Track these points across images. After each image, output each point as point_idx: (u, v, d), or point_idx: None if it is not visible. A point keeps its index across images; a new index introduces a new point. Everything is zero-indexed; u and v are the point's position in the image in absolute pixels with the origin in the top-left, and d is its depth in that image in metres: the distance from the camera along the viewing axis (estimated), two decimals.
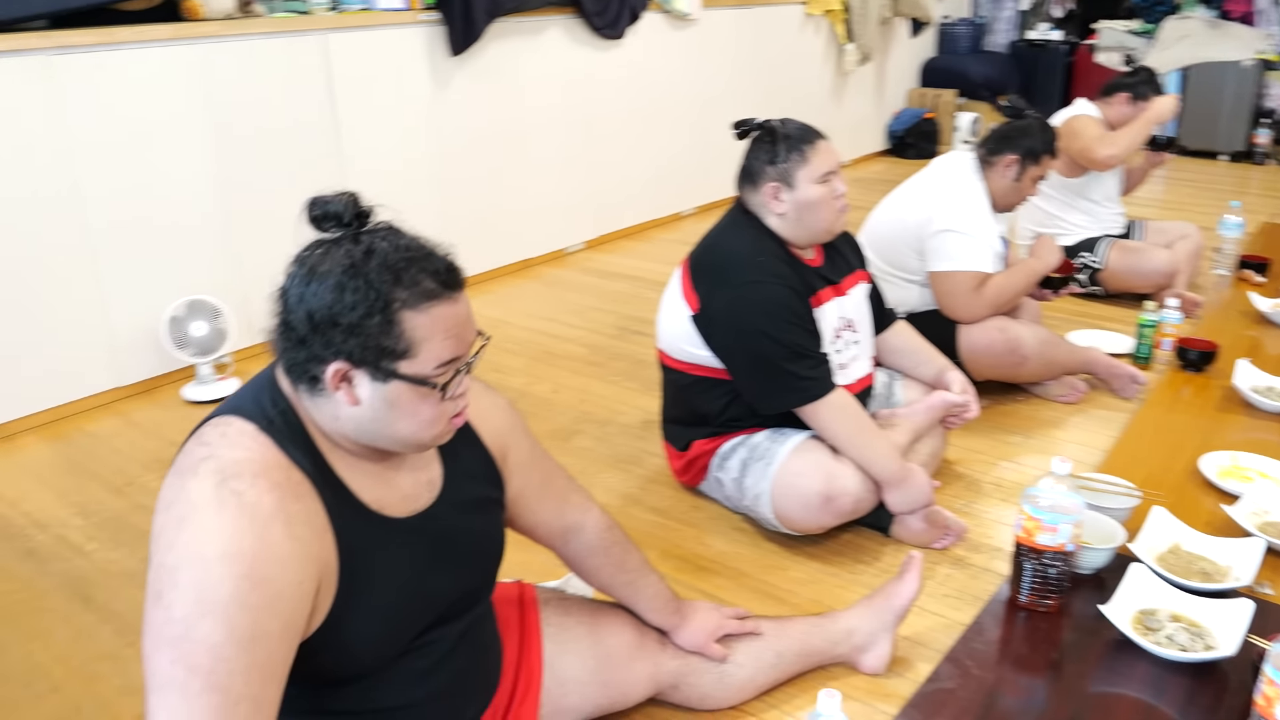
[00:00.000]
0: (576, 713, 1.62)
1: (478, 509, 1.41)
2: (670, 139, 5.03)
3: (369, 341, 1.14)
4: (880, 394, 2.52)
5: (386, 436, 1.21)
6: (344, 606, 1.21)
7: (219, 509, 1.10)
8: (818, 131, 2.20)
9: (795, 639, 1.78)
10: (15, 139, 2.83)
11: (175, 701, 1.05)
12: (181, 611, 1.06)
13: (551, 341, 3.58)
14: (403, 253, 1.17)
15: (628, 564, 1.66)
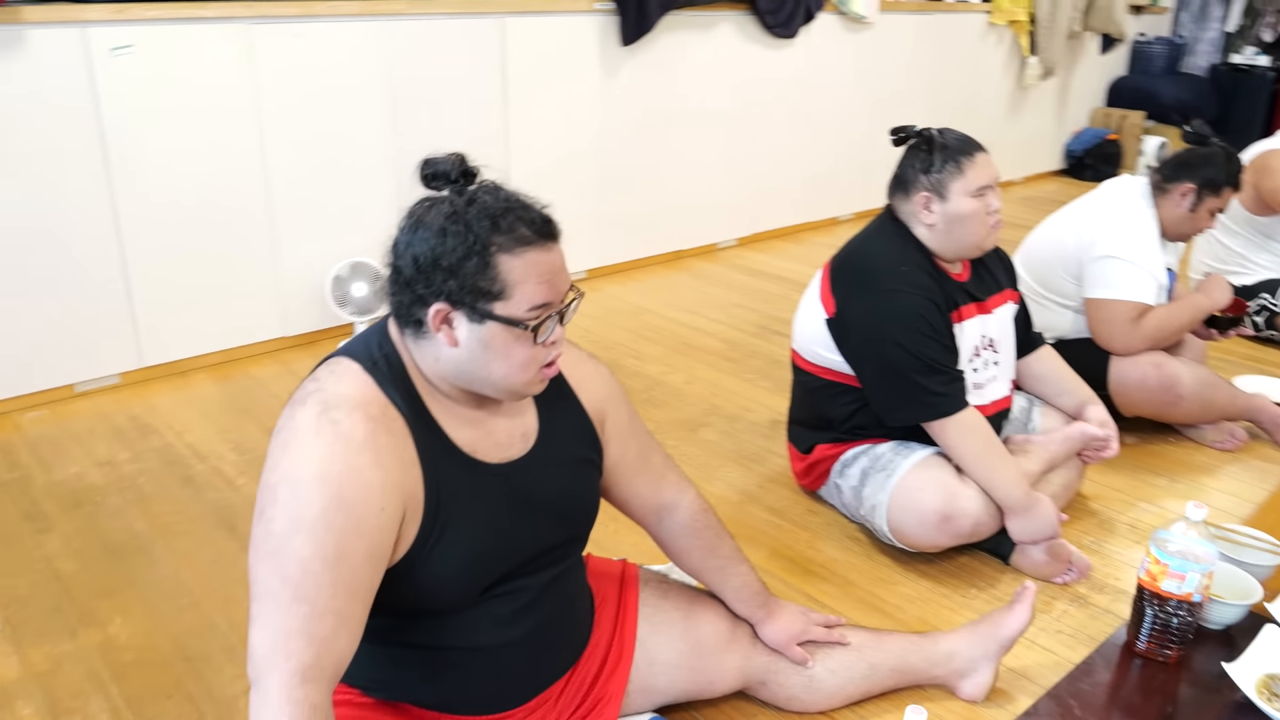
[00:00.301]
0: (663, 694, 1.65)
1: (571, 466, 1.47)
2: (834, 142, 4.98)
3: (466, 282, 1.23)
4: (1018, 419, 2.44)
5: (482, 379, 1.29)
6: (427, 539, 1.29)
7: (317, 435, 1.20)
8: (977, 144, 2.14)
9: (892, 654, 1.76)
10: (212, 100, 3.06)
11: (271, 609, 1.16)
12: (279, 527, 1.17)
13: (691, 334, 3.61)
14: (502, 203, 1.26)
15: (719, 549, 1.68)
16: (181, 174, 3.05)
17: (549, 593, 1.45)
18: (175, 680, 1.86)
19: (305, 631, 1.15)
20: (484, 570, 1.35)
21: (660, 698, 1.66)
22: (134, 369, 3.13)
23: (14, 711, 1.78)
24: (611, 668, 1.60)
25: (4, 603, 2.08)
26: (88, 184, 2.90)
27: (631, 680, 1.62)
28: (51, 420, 2.88)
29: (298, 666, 1.14)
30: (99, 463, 2.65)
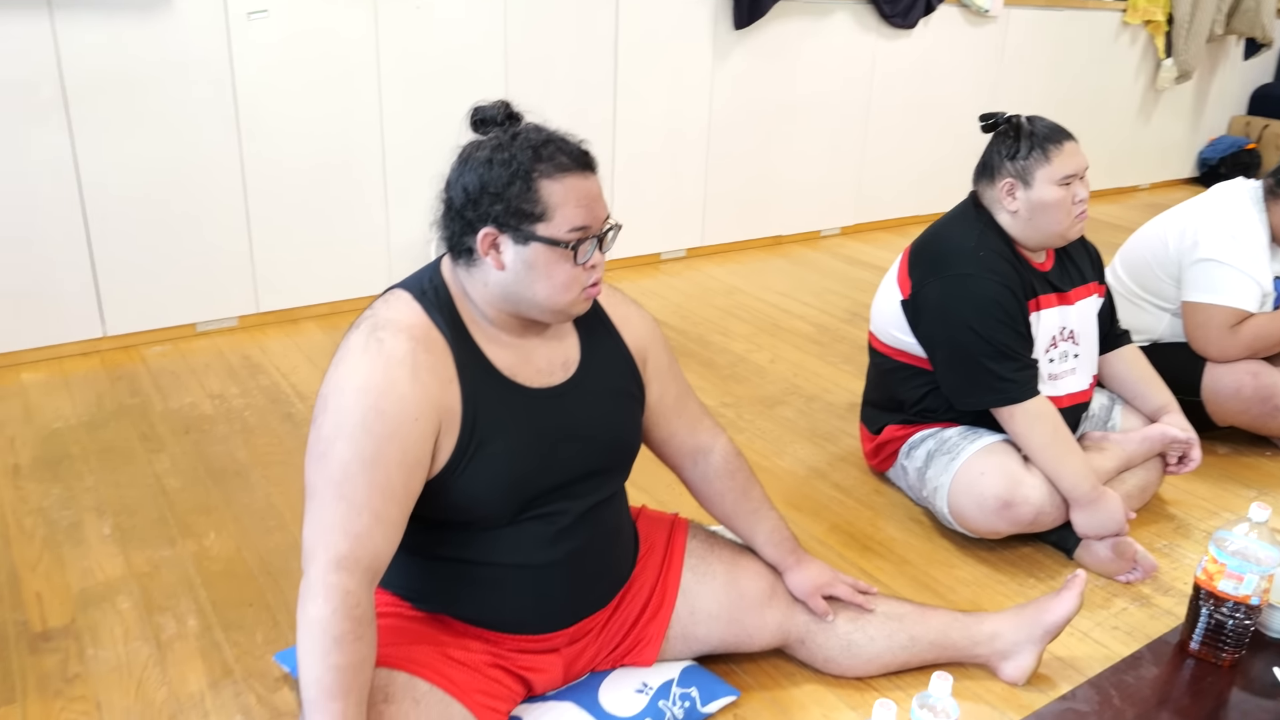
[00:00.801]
0: (702, 642, 1.71)
1: (612, 396, 1.55)
2: (947, 136, 4.91)
3: (511, 205, 1.34)
4: (1098, 415, 2.40)
5: (528, 300, 1.39)
6: (464, 453, 1.39)
7: (363, 352, 1.34)
8: (1066, 132, 2.12)
9: (933, 628, 1.77)
10: (337, 65, 3.23)
11: (316, 506, 1.31)
12: (325, 432, 1.32)
13: (781, 315, 3.64)
14: (544, 135, 1.38)
15: (751, 493, 1.74)
16: (304, 133, 3.24)
17: (588, 521, 1.52)
18: (257, 591, 2.01)
19: (342, 526, 1.28)
20: (519, 487, 1.44)
21: (699, 646, 1.72)
22: (250, 313, 3.34)
23: (115, 604, 1.96)
24: (654, 611, 1.67)
25: (116, 510, 2.27)
26: (220, 140, 3.11)
27: (672, 626, 1.68)
28: (173, 355, 3.11)
29: (334, 556, 1.28)
30: (210, 395, 2.85)
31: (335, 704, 1.25)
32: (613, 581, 1.62)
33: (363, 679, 1.29)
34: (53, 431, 2.61)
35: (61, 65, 2.82)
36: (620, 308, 1.63)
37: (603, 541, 1.58)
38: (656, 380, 1.64)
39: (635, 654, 1.67)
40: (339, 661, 1.26)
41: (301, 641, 1.27)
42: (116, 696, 1.73)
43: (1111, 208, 5.54)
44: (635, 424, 1.61)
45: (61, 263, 2.98)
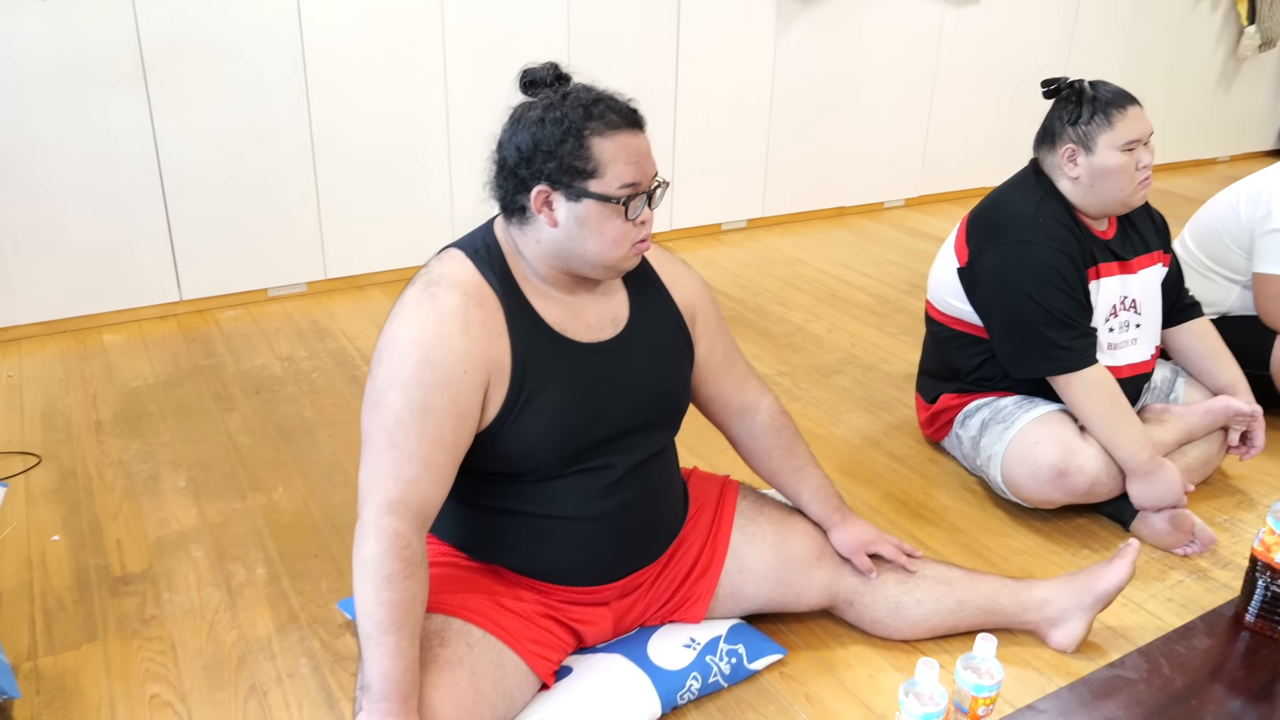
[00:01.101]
0: (751, 600, 1.74)
1: (661, 352, 1.58)
2: (1015, 106, 4.81)
3: (564, 163, 1.37)
4: (1160, 388, 2.37)
5: (579, 257, 1.43)
6: (514, 404, 1.43)
7: (417, 306, 1.40)
8: (1131, 97, 2.08)
9: (982, 593, 1.78)
10: (404, 39, 3.29)
11: (369, 453, 1.37)
12: (380, 383, 1.38)
13: (841, 286, 3.63)
14: (594, 94, 1.41)
15: (797, 450, 1.76)
16: (370, 104, 3.31)
17: (637, 475, 1.56)
18: (321, 543, 2.09)
19: (393, 472, 1.35)
20: (568, 440, 1.48)
21: (748, 604, 1.75)
22: (319, 279, 3.43)
23: (189, 553, 2.05)
24: (703, 569, 1.70)
25: (190, 465, 2.37)
26: (289, 111, 3.19)
27: (721, 584, 1.72)
28: (245, 319, 3.21)
29: (385, 500, 1.34)
30: (280, 357, 2.94)
31: (389, 638, 1.31)
32: (662, 536, 1.66)
33: (414, 616, 1.35)
34: (132, 390, 2.73)
35: (140, 37, 2.92)
36: (669, 266, 1.66)
37: (651, 496, 1.61)
38: (705, 337, 1.67)
39: (684, 611, 1.71)
40: (390, 598, 1.32)
41: (356, 580, 1.34)
42: (190, 638, 1.82)
43: (1188, 180, 5.38)
44: (684, 379, 1.63)
45: (141, 230, 3.10)
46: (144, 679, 1.72)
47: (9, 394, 2.69)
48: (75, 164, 2.96)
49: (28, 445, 2.44)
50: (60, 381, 2.77)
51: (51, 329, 3.07)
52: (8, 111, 2.83)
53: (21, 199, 2.91)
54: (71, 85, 2.88)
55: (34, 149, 2.89)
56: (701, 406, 1.76)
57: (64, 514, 2.17)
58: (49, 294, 3.03)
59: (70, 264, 3.03)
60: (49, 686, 1.70)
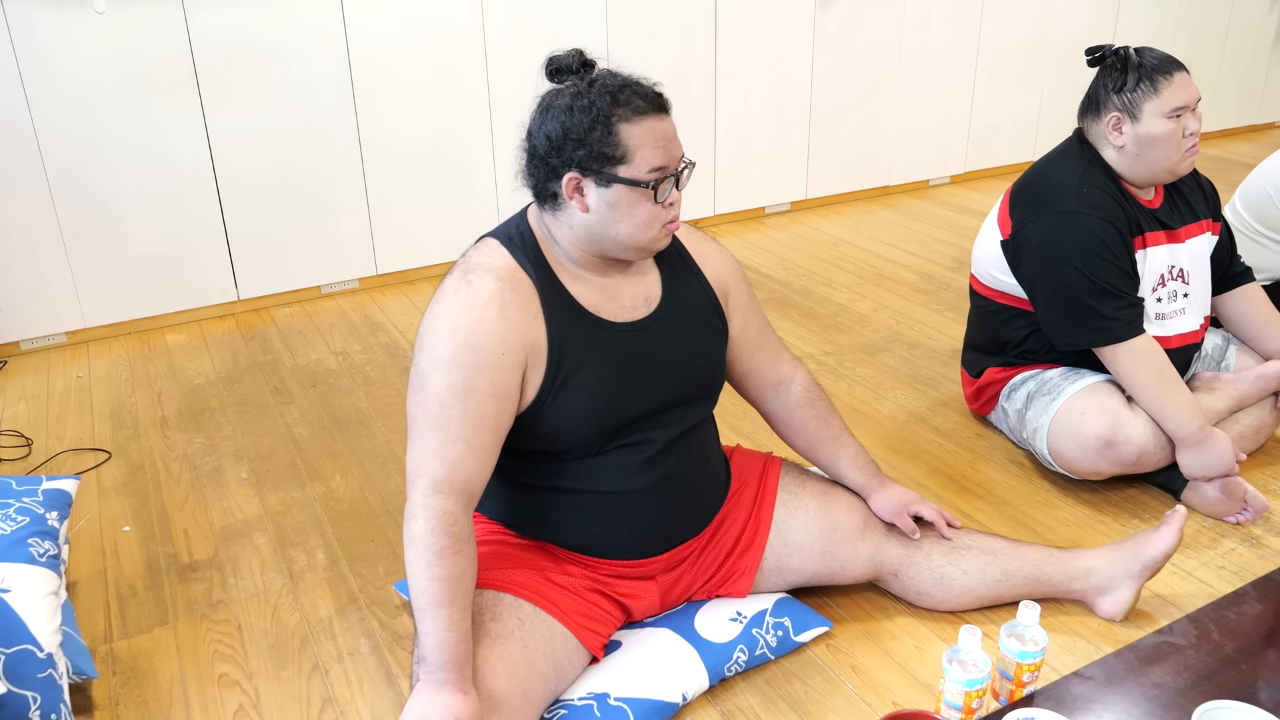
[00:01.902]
0: (796, 574, 1.77)
1: (695, 328, 1.62)
2: (1062, 77, 4.74)
3: (594, 150, 1.41)
4: (1211, 356, 2.34)
5: (611, 239, 1.47)
6: (552, 384, 1.48)
7: (455, 293, 1.46)
8: (1177, 63, 2.06)
9: (1028, 563, 1.78)
10: (445, 35, 3.34)
11: (416, 436, 1.43)
12: (423, 368, 1.43)
13: (886, 265, 3.62)
14: (620, 80, 1.44)
15: (833, 421, 1.79)
16: (416, 103, 3.37)
17: (677, 448, 1.60)
18: (378, 528, 2.16)
19: (439, 453, 1.41)
20: (606, 417, 1.51)
21: (793, 578, 1.78)
22: (370, 275, 3.51)
23: (252, 540, 2.13)
24: (747, 544, 1.73)
25: (251, 457, 2.45)
26: (338, 113, 3.26)
27: (766, 558, 1.74)
28: (300, 315, 3.30)
29: (431, 480, 1.40)
30: (335, 352, 3.02)
31: (442, 611, 1.37)
32: (705, 509, 1.69)
33: (464, 589, 1.40)
34: (195, 387, 2.83)
35: (192, 44, 3.01)
36: (700, 245, 1.69)
37: (692, 469, 1.64)
38: (738, 313, 1.70)
39: (730, 585, 1.74)
40: (440, 573, 1.37)
41: (408, 557, 1.39)
42: (255, 620, 1.89)
43: (1245, 146, 5.26)
44: (719, 354, 1.67)
45: (199, 233, 3.20)
46: (213, 659, 1.79)
47: (80, 394, 2.81)
48: (136, 171, 3.06)
49: (98, 442, 2.54)
50: (127, 381, 2.88)
51: (117, 331, 3.18)
52: (75, 122, 2.94)
53: (87, 207, 3.03)
54: (131, 95, 2.99)
55: (98, 158, 3.00)
56: (736, 382, 1.79)
57: (134, 506, 2.27)
58: (114, 297, 3.15)
59: (133, 268, 3.14)
60: (124, 668, 1.78)
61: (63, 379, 2.90)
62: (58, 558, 1.73)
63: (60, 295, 3.08)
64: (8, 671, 1.48)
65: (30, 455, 2.48)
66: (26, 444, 2.53)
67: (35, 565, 1.64)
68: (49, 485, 1.89)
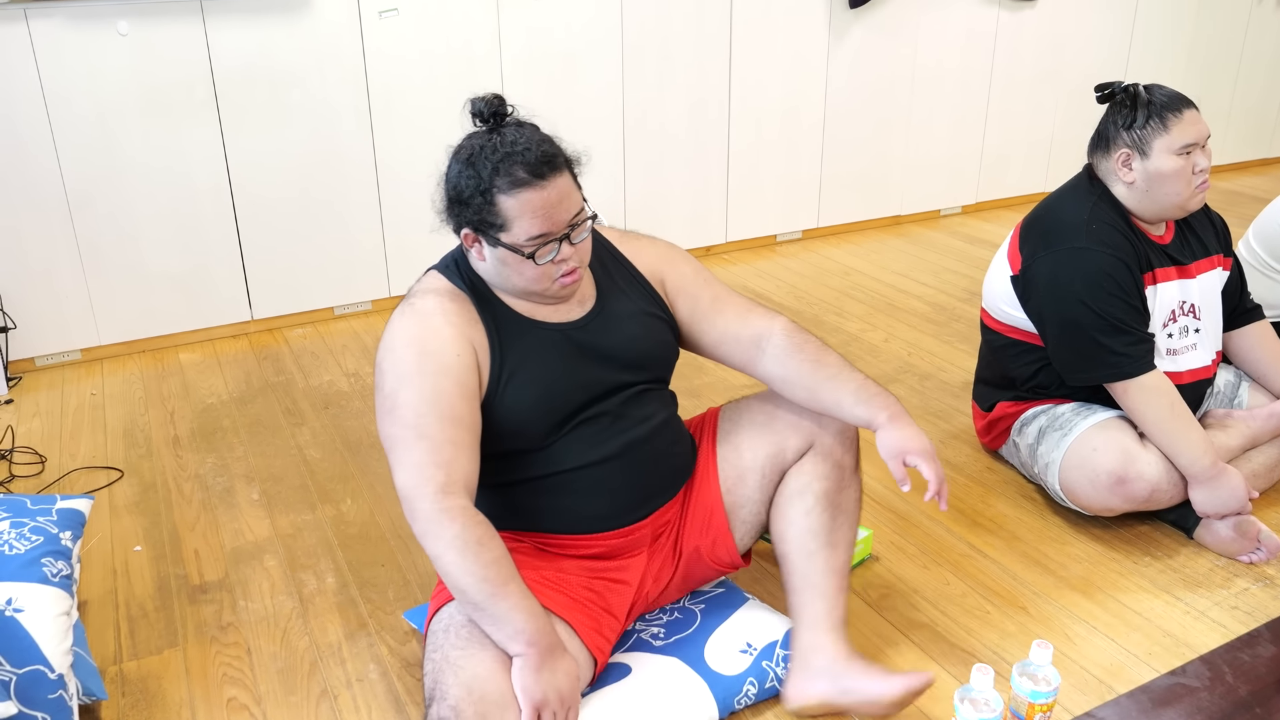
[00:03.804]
0: (761, 491, 1.73)
1: (634, 317, 1.67)
2: (1075, 108, 4.76)
3: (476, 215, 1.51)
4: (1223, 393, 2.34)
5: (511, 286, 1.57)
6: (499, 381, 1.55)
7: (402, 317, 1.55)
8: (1187, 100, 2.07)
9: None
10: (462, 58, 3.37)
11: (402, 453, 1.46)
12: (389, 388, 1.50)
13: (898, 295, 3.63)
14: (508, 147, 1.49)
15: (825, 360, 1.69)
16: (431, 126, 3.39)
17: (633, 416, 1.64)
18: (388, 552, 2.16)
19: (432, 460, 1.44)
20: (555, 406, 1.57)
21: (757, 480, 1.73)
22: (383, 297, 3.53)
23: (263, 562, 2.14)
24: (704, 491, 1.74)
25: (263, 478, 2.46)
26: (354, 134, 3.29)
27: (727, 501, 1.72)
28: (313, 336, 3.32)
29: (437, 487, 1.44)
30: (347, 373, 3.04)
31: (510, 585, 1.42)
32: (676, 472, 1.72)
33: (514, 567, 1.45)
34: (207, 406, 2.84)
35: (213, 66, 3.05)
36: (630, 243, 1.76)
37: (655, 432, 1.67)
38: (682, 294, 1.74)
39: (717, 550, 1.73)
40: (491, 556, 1.42)
41: (448, 562, 1.41)
42: (264, 643, 1.89)
43: (1256, 180, 5.26)
44: (662, 338, 1.70)
45: (214, 252, 3.22)
46: (221, 682, 1.80)
47: (93, 412, 2.82)
48: (153, 190, 3.09)
49: (110, 460, 2.55)
50: (140, 399, 2.89)
51: (131, 349, 3.20)
52: (95, 141, 2.97)
53: (105, 225, 3.05)
54: (151, 115, 3.02)
55: (117, 177, 3.03)
56: (717, 354, 1.74)
57: (145, 525, 2.27)
58: (129, 315, 3.17)
59: (148, 286, 3.17)
60: (133, 689, 1.78)
61: (77, 396, 2.92)
62: (70, 578, 1.74)
63: (76, 312, 3.10)
64: (19, 692, 1.48)
65: (43, 473, 2.49)
66: (40, 461, 2.55)
67: (48, 585, 1.65)
68: (63, 505, 1.90)
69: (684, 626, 1.76)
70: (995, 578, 2.05)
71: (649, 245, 1.78)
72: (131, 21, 2.92)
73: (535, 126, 1.57)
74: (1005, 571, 2.07)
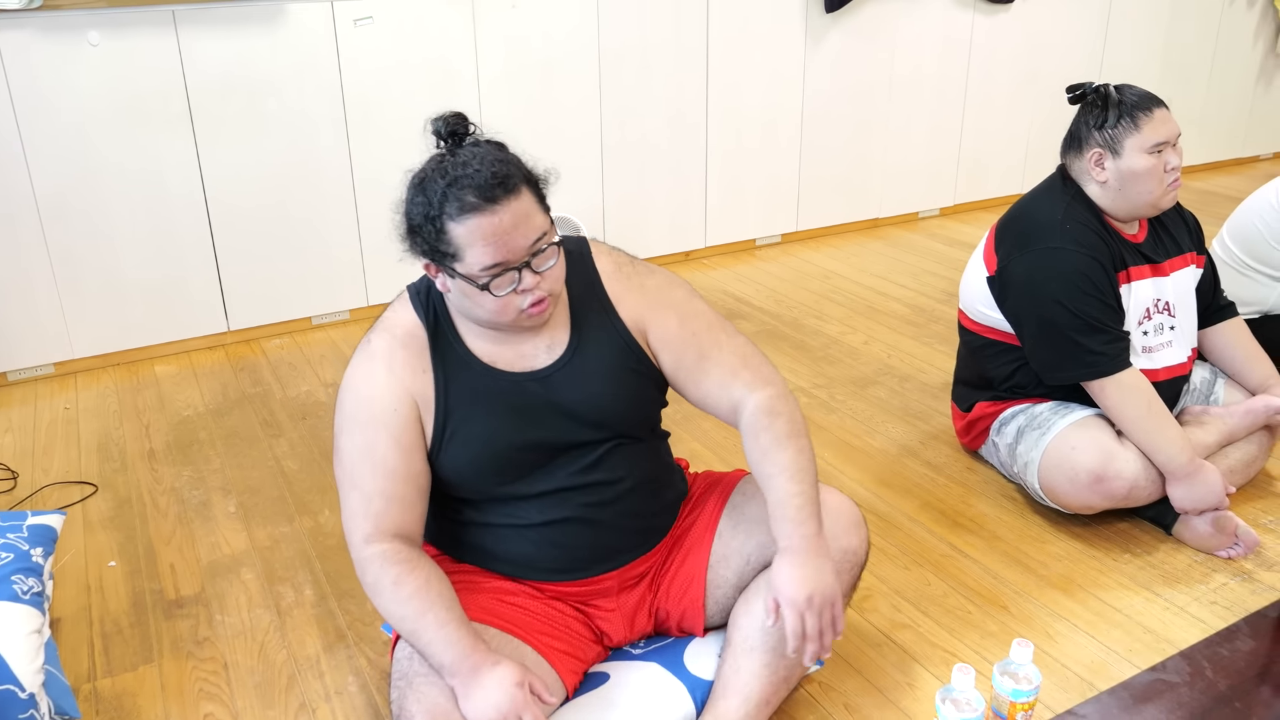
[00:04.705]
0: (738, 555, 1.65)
1: (604, 374, 1.54)
2: (1051, 110, 4.79)
3: (429, 244, 1.40)
4: (1199, 390, 2.35)
5: (475, 317, 1.47)
6: (441, 435, 1.50)
7: (357, 354, 1.52)
8: (1157, 99, 2.08)
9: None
10: (438, 66, 3.36)
11: (342, 497, 1.50)
12: (335, 430, 1.51)
13: (877, 298, 3.63)
14: (459, 169, 1.37)
15: (772, 456, 1.53)
16: (408, 134, 3.38)
17: (593, 476, 1.54)
18: None
19: (361, 511, 1.46)
20: (500, 466, 1.51)
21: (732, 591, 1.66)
22: (361, 306, 3.51)
23: (240, 575, 2.11)
24: (685, 562, 1.66)
25: (240, 490, 2.44)
26: (330, 143, 3.28)
27: (710, 574, 1.65)
28: (290, 347, 3.30)
29: (362, 536, 1.46)
30: (325, 384, 3.01)
31: (428, 616, 1.41)
32: (646, 528, 1.63)
33: (436, 591, 1.43)
34: (183, 419, 2.81)
35: (186, 76, 3.03)
36: (621, 284, 1.59)
37: (618, 495, 1.57)
38: (664, 350, 1.58)
39: (683, 623, 1.68)
40: (408, 591, 1.42)
41: (378, 606, 1.45)
42: (242, 658, 1.87)
43: (1230, 179, 5.31)
44: (634, 395, 1.57)
45: (189, 263, 3.20)
46: (198, 698, 1.77)
47: (66, 425, 2.79)
48: (128, 201, 3.06)
49: (84, 475, 2.52)
50: (114, 412, 2.86)
51: (106, 361, 3.17)
52: (67, 153, 2.94)
53: (77, 237, 3.02)
54: (124, 126, 2.99)
55: (90, 188, 3.00)
56: (704, 410, 1.65)
57: (120, 540, 2.25)
58: (103, 328, 3.14)
59: (123, 298, 3.14)
60: (108, 707, 1.76)
61: (50, 410, 2.89)
62: (42, 595, 1.72)
63: (49, 325, 3.07)
64: None
65: (16, 488, 2.46)
66: (12, 477, 2.51)
67: (18, 603, 1.62)
68: (34, 521, 1.87)
69: (663, 639, 1.75)
70: (976, 577, 2.05)
71: (637, 289, 1.59)
72: (103, 32, 2.89)
73: (499, 145, 1.45)
74: (986, 571, 2.07)
